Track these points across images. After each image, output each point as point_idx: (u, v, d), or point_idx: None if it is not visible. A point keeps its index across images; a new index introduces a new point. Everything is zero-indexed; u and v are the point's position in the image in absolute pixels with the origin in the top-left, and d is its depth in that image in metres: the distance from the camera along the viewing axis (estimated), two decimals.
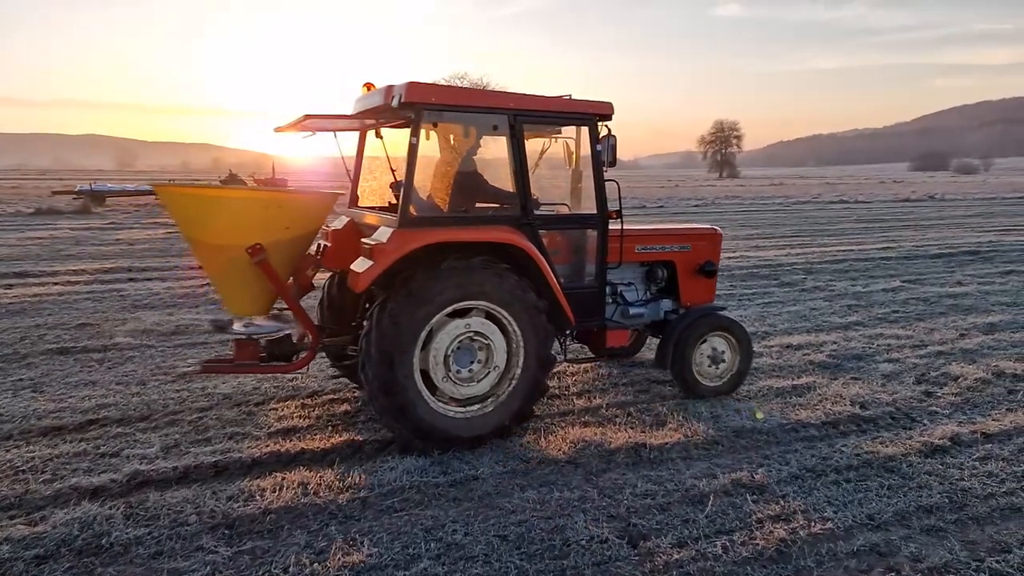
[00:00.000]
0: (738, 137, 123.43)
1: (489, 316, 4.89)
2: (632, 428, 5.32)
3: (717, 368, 6.04)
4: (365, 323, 4.71)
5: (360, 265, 4.64)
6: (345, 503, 4.16)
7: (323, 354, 6.05)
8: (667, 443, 5.02)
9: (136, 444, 4.98)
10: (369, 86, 5.36)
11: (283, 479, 4.41)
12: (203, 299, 10.33)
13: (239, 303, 5.03)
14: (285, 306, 5.14)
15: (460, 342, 4.81)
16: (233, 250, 4.67)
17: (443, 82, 6.37)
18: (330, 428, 5.32)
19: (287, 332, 5.31)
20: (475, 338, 4.86)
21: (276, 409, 5.72)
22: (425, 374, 4.77)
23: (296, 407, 5.76)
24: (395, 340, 4.57)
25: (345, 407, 5.77)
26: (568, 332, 5.61)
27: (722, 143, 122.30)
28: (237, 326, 5.05)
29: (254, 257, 4.69)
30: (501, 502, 4.20)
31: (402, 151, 5.64)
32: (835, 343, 7.92)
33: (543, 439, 5.09)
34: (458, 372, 4.84)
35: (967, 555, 3.68)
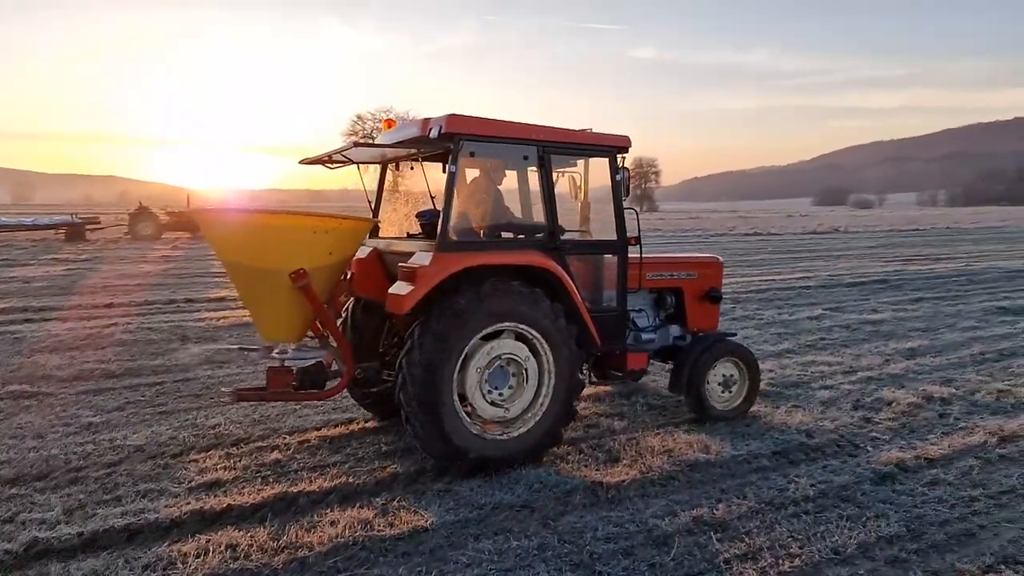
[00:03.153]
0: (656, 173, 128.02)
1: (524, 341, 5.00)
2: (586, 466, 5.11)
3: (729, 392, 6.26)
4: (406, 343, 4.74)
5: (401, 288, 4.68)
6: (281, 566, 3.73)
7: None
8: (624, 481, 4.82)
9: (33, 507, 4.39)
10: (390, 123, 5.68)
11: (208, 542, 3.94)
12: (109, 340, 9.53)
13: (275, 329, 4.92)
14: (311, 334, 5.13)
15: (504, 361, 4.96)
16: (277, 275, 4.59)
17: (369, 116, 6.78)
18: (260, 479, 4.86)
19: (318, 359, 5.22)
20: (516, 370, 5.01)
21: (196, 460, 5.20)
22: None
23: (220, 457, 5.26)
24: (437, 358, 4.63)
25: (276, 455, 5.31)
26: (587, 357, 5.71)
27: (641, 178, 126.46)
28: (273, 353, 4.96)
29: (297, 282, 4.59)
30: (455, 555, 3.88)
31: (417, 184, 6.02)
32: (772, 371, 8.01)
33: (494, 482, 4.80)
34: (488, 391, 4.95)
35: None
